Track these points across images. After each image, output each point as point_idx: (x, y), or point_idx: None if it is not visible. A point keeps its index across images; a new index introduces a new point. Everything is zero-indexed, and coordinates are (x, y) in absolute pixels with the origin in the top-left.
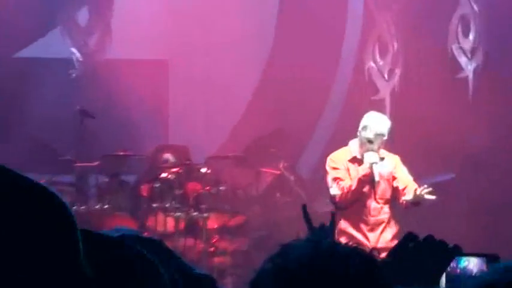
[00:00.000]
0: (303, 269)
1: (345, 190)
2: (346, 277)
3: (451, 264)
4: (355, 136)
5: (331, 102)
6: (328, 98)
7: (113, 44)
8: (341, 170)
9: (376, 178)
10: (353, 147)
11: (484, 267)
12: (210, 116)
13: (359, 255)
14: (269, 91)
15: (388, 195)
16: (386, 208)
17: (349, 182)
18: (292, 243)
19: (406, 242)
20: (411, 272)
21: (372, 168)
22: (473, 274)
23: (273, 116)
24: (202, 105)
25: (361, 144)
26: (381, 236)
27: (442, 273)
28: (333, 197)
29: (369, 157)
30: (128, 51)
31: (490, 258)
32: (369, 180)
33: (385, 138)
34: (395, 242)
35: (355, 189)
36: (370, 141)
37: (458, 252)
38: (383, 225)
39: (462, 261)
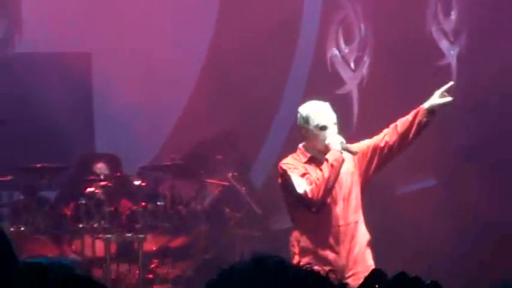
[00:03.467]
0: None
1: (318, 182)
2: None
3: None
4: None
5: (286, 98)
6: (283, 93)
7: (26, 36)
8: (301, 170)
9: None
10: (306, 148)
11: None
12: (144, 117)
13: (314, 279)
14: (214, 86)
15: (357, 191)
16: (356, 214)
17: (319, 173)
18: (233, 267)
19: (372, 283)
20: None
21: (342, 149)
22: None
23: (219, 116)
24: (134, 104)
25: (313, 139)
26: (351, 246)
27: None
28: (304, 196)
29: (335, 140)
30: (44, 43)
31: None
32: (340, 166)
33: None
34: (368, 250)
35: (329, 178)
36: (323, 128)
37: None
38: (354, 234)
39: None
